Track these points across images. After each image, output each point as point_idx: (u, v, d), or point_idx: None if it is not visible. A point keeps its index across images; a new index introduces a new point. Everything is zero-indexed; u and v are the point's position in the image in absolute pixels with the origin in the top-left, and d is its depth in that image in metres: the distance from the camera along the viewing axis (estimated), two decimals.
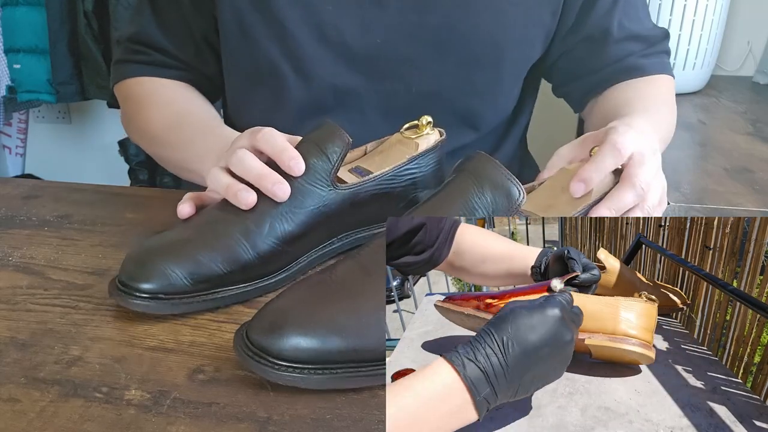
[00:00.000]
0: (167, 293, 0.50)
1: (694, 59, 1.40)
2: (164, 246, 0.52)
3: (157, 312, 0.50)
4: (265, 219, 0.53)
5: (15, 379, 0.44)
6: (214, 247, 0.52)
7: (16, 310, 0.52)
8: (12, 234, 0.65)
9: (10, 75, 1.89)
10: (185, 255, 0.51)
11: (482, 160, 0.51)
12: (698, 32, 1.38)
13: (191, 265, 0.51)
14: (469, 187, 0.49)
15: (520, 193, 0.50)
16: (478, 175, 0.50)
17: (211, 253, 0.52)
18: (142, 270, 0.50)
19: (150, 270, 0.50)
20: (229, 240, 0.52)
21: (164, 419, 0.40)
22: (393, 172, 0.59)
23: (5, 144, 2.27)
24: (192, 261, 0.51)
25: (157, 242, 0.53)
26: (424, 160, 0.60)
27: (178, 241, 0.52)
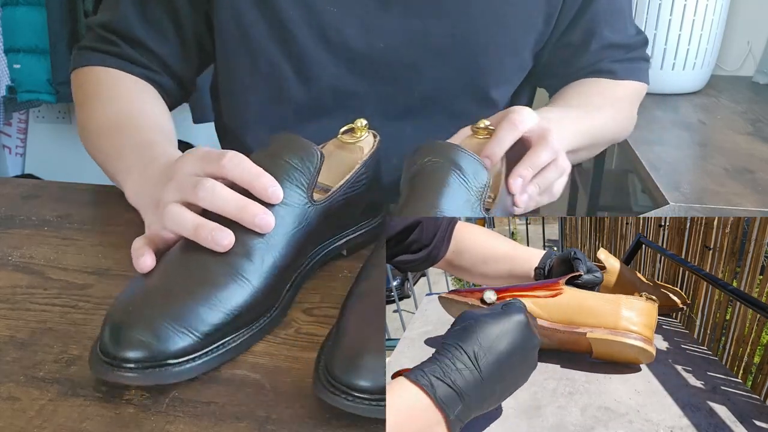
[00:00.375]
0: (172, 356, 0.42)
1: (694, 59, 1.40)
2: (155, 300, 0.44)
3: (161, 382, 0.43)
4: (255, 253, 0.47)
5: (14, 377, 0.44)
6: (211, 295, 0.45)
7: (15, 309, 0.52)
8: (12, 234, 0.65)
9: (10, 75, 1.89)
10: (185, 308, 0.44)
11: (441, 146, 0.53)
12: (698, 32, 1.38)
13: (193, 319, 0.44)
14: (448, 171, 0.51)
15: (486, 169, 0.53)
16: (447, 158, 0.52)
17: (210, 301, 0.45)
18: (140, 329, 0.42)
19: (149, 328, 0.42)
20: (225, 283, 0.46)
21: (163, 418, 0.40)
22: (354, 178, 0.57)
23: (5, 144, 2.27)
24: (193, 315, 0.44)
25: (143, 295, 0.45)
26: (372, 161, 0.60)
27: (166, 293, 0.45)
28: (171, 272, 0.47)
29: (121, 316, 0.43)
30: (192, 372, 0.43)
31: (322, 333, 0.48)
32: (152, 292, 0.45)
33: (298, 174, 0.51)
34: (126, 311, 0.44)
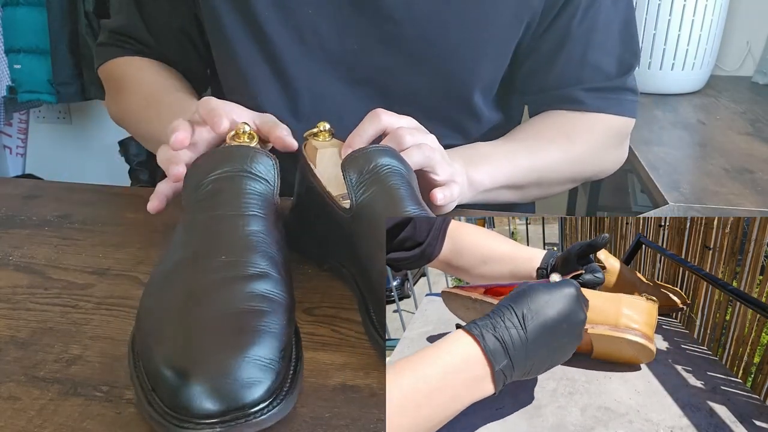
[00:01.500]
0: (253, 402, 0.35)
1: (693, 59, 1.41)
2: (218, 338, 0.37)
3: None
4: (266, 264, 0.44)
5: (15, 377, 0.44)
6: (261, 322, 0.39)
7: (16, 309, 0.52)
8: (12, 234, 0.65)
9: (11, 75, 1.89)
10: (254, 342, 0.37)
11: (371, 153, 0.52)
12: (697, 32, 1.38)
13: (267, 352, 0.37)
14: (392, 179, 0.51)
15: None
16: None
17: (267, 327, 0.39)
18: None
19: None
20: (260, 306, 0.40)
21: None
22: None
23: (6, 144, 2.27)
24: (264, 347, 0.37)
25: (200, 331, 0.38)
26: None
27: (221, 326, 0.38)
28: (198, 302, 0.40)
29: (186, 362, 0.36)
30: (279, 415, 0.37)
31: (322, 333, 0.49)
32: (204, 325, 0.38)
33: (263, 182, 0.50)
34: (186, 354, 0.36)
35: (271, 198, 0.48)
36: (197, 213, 0.47)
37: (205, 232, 0.45)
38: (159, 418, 0.36)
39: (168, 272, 0.43)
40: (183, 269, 0.43)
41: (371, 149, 0.52)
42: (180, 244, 0.46)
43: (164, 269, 0.44)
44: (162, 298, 0.41)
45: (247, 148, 0.50)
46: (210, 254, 0.43)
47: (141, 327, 0.41)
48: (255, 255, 0.43)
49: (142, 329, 0.41)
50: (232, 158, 0.49)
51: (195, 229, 0.46)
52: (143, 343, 0.39)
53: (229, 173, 0.48)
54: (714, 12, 1.37)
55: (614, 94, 0.79)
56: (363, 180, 0.50)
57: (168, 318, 0.39)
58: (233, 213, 0.46)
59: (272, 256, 0.44)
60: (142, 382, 0.38)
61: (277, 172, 0.50)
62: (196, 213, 0.47)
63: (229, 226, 0.45)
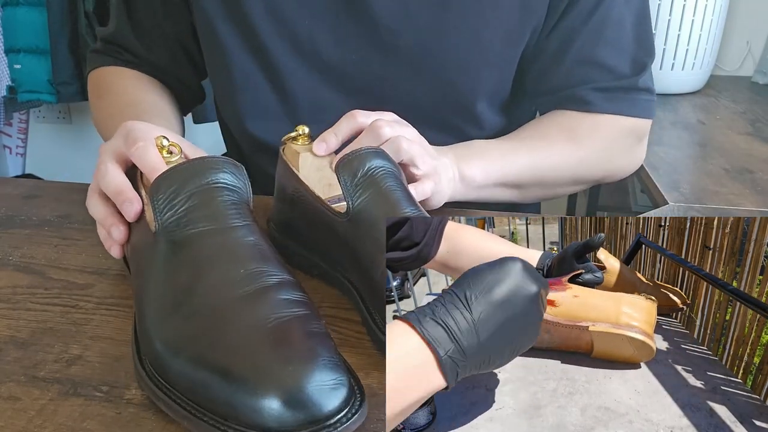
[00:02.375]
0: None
1: (693, 59, 1.41)
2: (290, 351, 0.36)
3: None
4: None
5: (15, 377, 0.44)
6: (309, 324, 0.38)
7: (16, 309, 0.52)
8: (12, 234, 0.65)
9: (11, 75, 1.89)
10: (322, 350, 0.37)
11: (363, 155, 0.52)
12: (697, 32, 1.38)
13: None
14: (387, 181, 0.51)
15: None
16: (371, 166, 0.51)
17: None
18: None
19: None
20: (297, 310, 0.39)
21: (164, 417, 0.40)
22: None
23: (6, 144, 2.27)
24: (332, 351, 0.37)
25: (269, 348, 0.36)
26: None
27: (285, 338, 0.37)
28: (235, 319, 0.39)
29: (259, 380, 0.35)
30: (357, 422, 0.35)
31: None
32: (256, 340, 0.37)
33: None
34: (257, 373, 0.35)
35: (248, 206, 0.47)
36: (179, 232, 0.44)
37: (201, 250, 0.43)
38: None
39: (175, 299, 0.41)
40: (197, 290, 0.40)
41: (364, 151, 0.51)
42: (167, 268, 0.43)
43: (164, 296, 0.41)
44: (186, 326, 0.39)
45: (210, 159, 0.47)
46: (223, 270, 0.41)
47: (170, 366, 0.38)
48: (268, 264, 0.42)
49: (175, 368, 0.38)
50: (198, 173, 0.46)
51: (185, 249, 0.43)
52: (190, 379, 0.37)
53: (203, 187, 0.45)
54: (714, 12, 1.37)
55: (626, 95, 0.76)
56: (358, 183, 0.50)
57: (208, 345, 0.37)
58: (224, 226, 0.44)
59: (280, 261, 0.44)
60: (209, 417, 0.36)
61: (247, 179, 0.48)
62: (178, 232, 0.44)
63: (228, 239, 0.43)
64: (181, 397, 0.37)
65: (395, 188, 0.50)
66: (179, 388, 0.38)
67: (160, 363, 0.39)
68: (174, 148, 0.52)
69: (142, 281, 0.44)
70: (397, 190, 0.50)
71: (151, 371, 0.40)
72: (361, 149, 0.52)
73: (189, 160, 0.47)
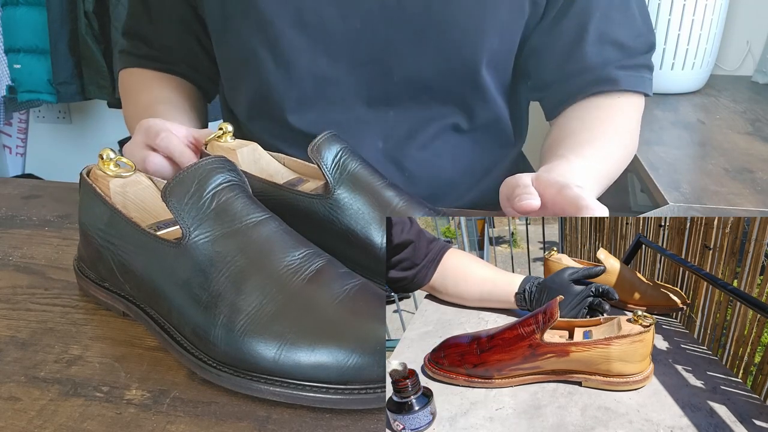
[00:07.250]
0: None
1: (693, 59, 1.41)
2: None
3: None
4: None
5: (15, 377, 0.44)
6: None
7: (16, 309, 0.52)
8: (12, 234, 0.65)
9: (11, 75, 1.89)
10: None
11: (330, 137, 0.55)
12: (697, 32, 1.38)
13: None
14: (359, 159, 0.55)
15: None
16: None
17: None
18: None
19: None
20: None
21: (164, 418, 0.40)
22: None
23: (5, 144, 2.27)
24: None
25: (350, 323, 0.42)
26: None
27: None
28: (313, 297, 0.43)
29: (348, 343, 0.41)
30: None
31: None
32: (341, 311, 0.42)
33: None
34: (348, 334, 0.41)
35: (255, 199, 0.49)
36: (216, 228, 0.45)
37: (247, 242, 0.44)
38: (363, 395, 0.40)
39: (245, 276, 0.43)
40: (259, 275, 0.43)
41: (328, 135, 0.55)
42: (219, 260, 0.44)
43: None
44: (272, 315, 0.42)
45: (211, 160, 0.47)
46: (277, 256, 0.44)
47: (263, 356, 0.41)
48: (309, 246, 0.46)
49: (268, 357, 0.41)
50: (207, 175, 0.47)
51: (230, 242, 0.44)
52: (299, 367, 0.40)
53: (225, 185, 0.47)
54: (714, 12, 1.37)
55: (639, 72, 0.78)
56: (336, 162, 0.53)
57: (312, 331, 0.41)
58: (256, 219, 0.46)
59: (309, 243, 0.47)
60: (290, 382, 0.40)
61: (243, 176, 0.49)
62: (216, 228, 0.45)
63: (266, 230, 0.45)
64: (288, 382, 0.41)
65: (368, 165, 0.55)
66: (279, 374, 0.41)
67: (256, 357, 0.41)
68: (123, 161, 0.54)
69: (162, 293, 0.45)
70: (369, 166, 0.55)
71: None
72: (326, 133, 0.55)
73: (189, 165, 0.47)
